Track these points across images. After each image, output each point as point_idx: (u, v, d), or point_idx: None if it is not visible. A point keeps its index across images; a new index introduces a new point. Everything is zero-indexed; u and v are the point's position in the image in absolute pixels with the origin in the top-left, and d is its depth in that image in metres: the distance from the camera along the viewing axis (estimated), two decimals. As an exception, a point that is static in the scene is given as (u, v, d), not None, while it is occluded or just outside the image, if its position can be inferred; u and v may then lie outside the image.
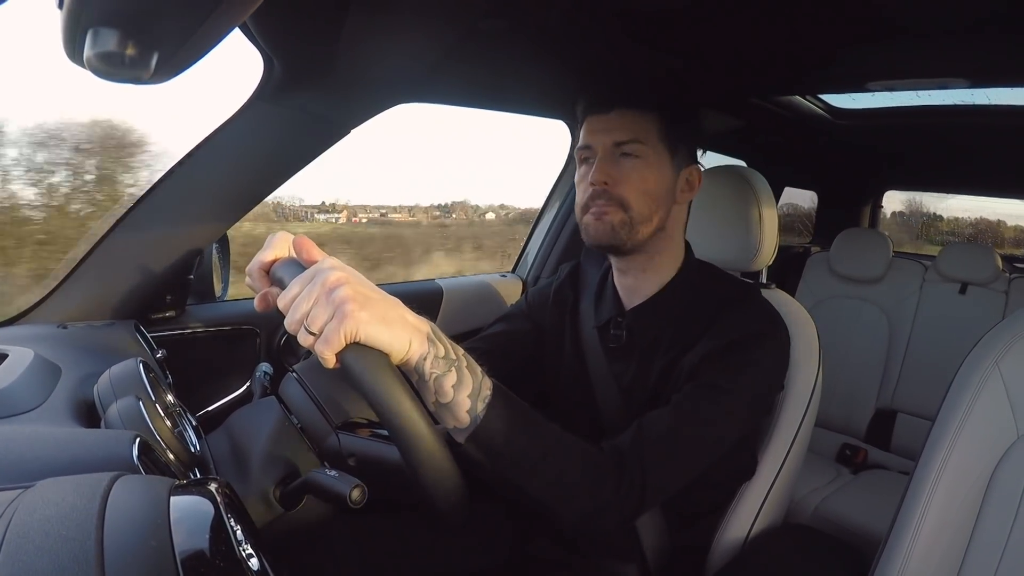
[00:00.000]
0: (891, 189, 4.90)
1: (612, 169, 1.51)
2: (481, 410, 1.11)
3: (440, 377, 1.05)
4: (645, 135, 1.51)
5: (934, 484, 1.31)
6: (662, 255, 1.60)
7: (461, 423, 1.11)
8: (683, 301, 1.60)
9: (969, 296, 3.64)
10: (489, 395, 1.13)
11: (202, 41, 0.76)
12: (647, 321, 1.61)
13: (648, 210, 1.51)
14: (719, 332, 1.46)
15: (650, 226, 1.53)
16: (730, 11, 1.77)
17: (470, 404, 1.10)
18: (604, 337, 1.67)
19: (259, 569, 0.75)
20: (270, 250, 1.06)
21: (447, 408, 1.09)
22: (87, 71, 0.75)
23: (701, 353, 1.45)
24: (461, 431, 1.12)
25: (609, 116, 1.53)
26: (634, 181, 1.50)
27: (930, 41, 1.97)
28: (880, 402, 3.70)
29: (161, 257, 1.82)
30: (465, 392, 1.09)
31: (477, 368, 1.12)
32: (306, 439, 1.32)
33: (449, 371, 1.06)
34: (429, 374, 1.04)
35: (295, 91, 1.76)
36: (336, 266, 0.97)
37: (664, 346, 1.56)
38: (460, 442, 1.13)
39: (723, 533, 1.65)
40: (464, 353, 1.11)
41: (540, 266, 3.14)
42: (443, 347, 1.06)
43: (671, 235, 1.60)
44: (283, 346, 2.22)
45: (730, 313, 1.51)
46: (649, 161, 1.51)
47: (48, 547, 0.63)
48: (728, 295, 1.58)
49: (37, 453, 0.95)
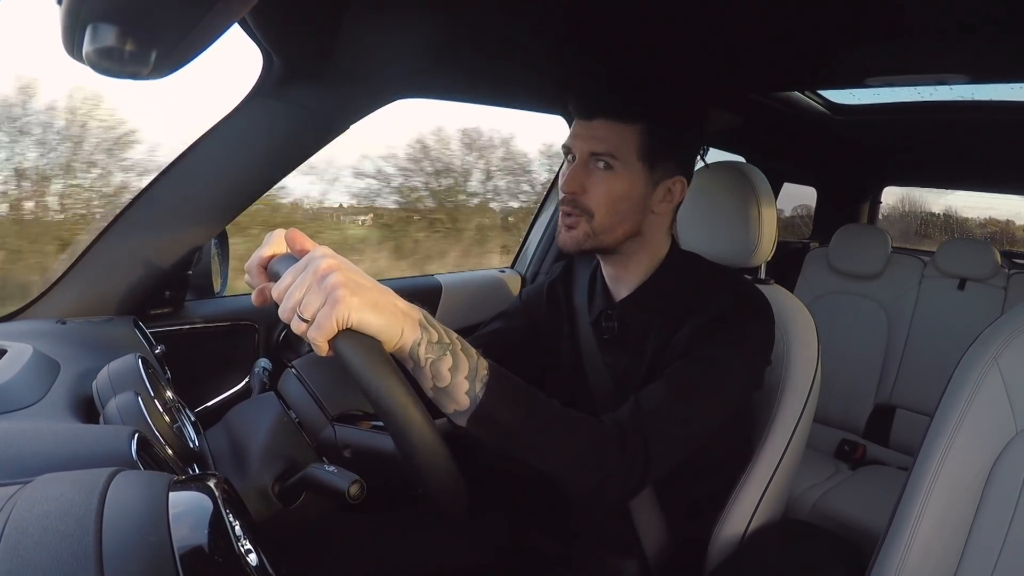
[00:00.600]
0: (890, 185, 4.89)
1: (584, 178, 1.51)
2: (479, 390, 1.12)
3: (435, 361, 1.06)
4: (622, 149, 1.50)
5: (933, 480, 1.31)
6: (639, 255, 1.61)
7: (461, 405, 1.11)
8: (668, 287, 1.61)
9: (968, 292, 3.63)
10: (486, 375, 1.13)
11: (201, 37, 0.76)
12: (635, 310, 1.62)
13: (611, 221, 1.52)
14: (704, 310, 1.48)
15: (614, 235, 1.54)
16: (729, 7, 1.77)
17: (468, 385, 1.10)
18: (597, 329, 1.68)
19: (258, 564, 0.75)
20: (268, 247, 1.07)
21: (445, 392, 1.10)
22: (86, 67, 0.75)
23: (688, 331, 1.46)
24: (462, 413, 1.12)
25: (591, 123, 1.52)
26: (601, 194, 1.50)
27: (929, 37, 1.97)
28: (879, 398, 3.70)
29: (160, 253, 1.82)
30: (462, 374, 1.10)
31: (472, 350, 1.13)
32: (304, 434, 1.32)
33: (444, 355, 1.07)
34: (424, 359, 1.05)
35: (294, 87, 1.76)
36: (328, 254, 0.98)
37: (654, 332, 1.57)
38: (462, 424, 1.14)
39: (721, 528, 1.65)
40: (458, 337, 1.12)
41: (539, 261, 3.14)
42: (436, 332, 1.07)
43: (648, 239, 1.60)
44: (282, 342, 2.22)
45: (714, 292, 1.52)
46: (620, 175, 1.50)
47: (47, 543, 0.63)
48: (711, 278, 1.60)
49: (36, 449, 0.96)
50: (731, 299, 1.50)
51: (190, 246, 1.87)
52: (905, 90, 2.82)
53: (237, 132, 1.80)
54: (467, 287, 2.83)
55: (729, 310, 1.47)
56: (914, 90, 2.80)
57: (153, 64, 0.75)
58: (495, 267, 3.20)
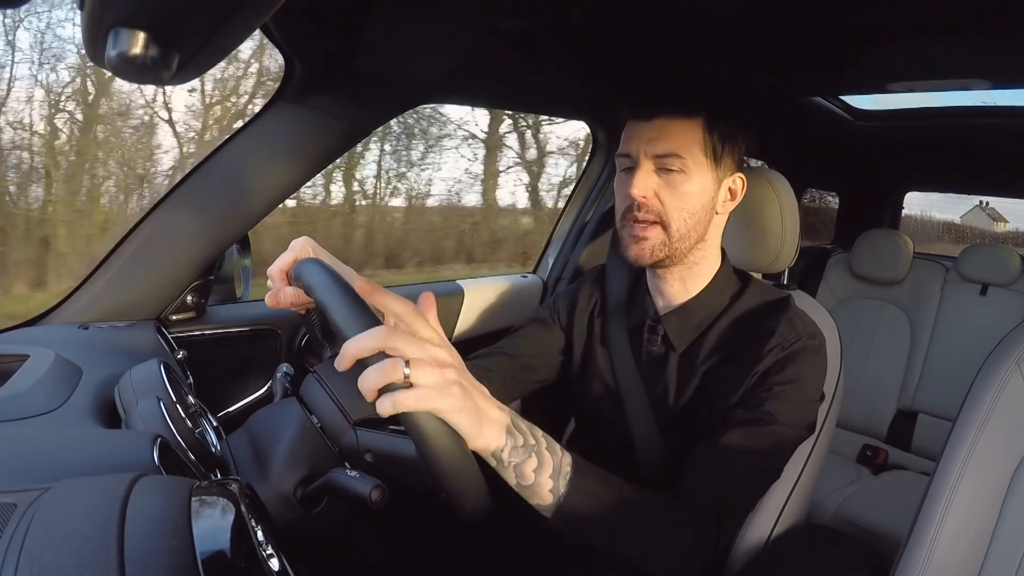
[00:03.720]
0: (912, 190, 4.87)
1: (652, 183, 1.47)
2: (563, 487, 1.11)
3: (520, 464, 1.06)
4: (687, 148, 1.45)
5: (955, 485, 1.31)
6: (700, 265, 1.57)
7: (544, 501, 1.10)
8: (718, 308, 1.58)
9: (990, 297, 3.63)
10: (570, 472, 1.12)
11: (224, 41, 0.76)
12: (681, 327, 1.58)
13: (687, 227, 1.48)
14: (763, 350, 1.44)
15: (689, 241, 1.50)
16: (751, 14, 1.76)
17: (552, 484, 1.09)
18: (635, 342, 1.65)
19: (280, 569, 0.75)
20: (291, 253, 1.07)
21: (529, 489, 1.09)
22: (109, 71, 0.75)
23: (747, 374, 1.43)
24: (545, 508, 1.12)
25: (651, 123, 1.47)
26: (674, 197, 1.46)
27: (950, 42, 1.96)
28: (901, 403, 3.69)
29: (182, 258, 1.82)
30: (546, 474, 1.09)
31: (556, 447, 1.12)
32: (326, 439, 1.32)
33: (529, 457, 1.06)
34: (508, 463, 1.05)
35: (317, 92, 1.76)
36: (444, 345, 0.98)
37: (698, 354, 1.54)
38: (547, 517, 1.13)
39: (745, 534, 1.64)
40: (543, 435, 1.11)
41: (561, 267, 3.12)
42: (522, 436, 1.06)
43: (710, 244, 1.58)
44: (304, 347, 2.21)
45: (771, 328, 1.47)
46: (690, 175, 1.46)
47: (69, 548, 0.63)
48: (766, 306, 1.56)
49: (58, 454, 0.96)
50: (788, 337, 1.45)
51: (212, 251, 1.87)
52: (927, 95, 2.81)
53: (259, 138, 1.80)
54: (489, 292, 2.82)
55: (787, 352, 1.43)
56: (936, 95, 2.79)
57: (176, 69, 0.75)
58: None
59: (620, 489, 1.20)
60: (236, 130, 1.79)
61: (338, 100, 1.82)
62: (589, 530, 1.16)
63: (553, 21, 1.76)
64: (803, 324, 1.49)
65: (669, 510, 1.27)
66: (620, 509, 1.18)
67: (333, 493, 1.21)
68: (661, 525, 1.24)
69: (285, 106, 1.77)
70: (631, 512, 1.20)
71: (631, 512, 1.20)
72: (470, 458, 0.98)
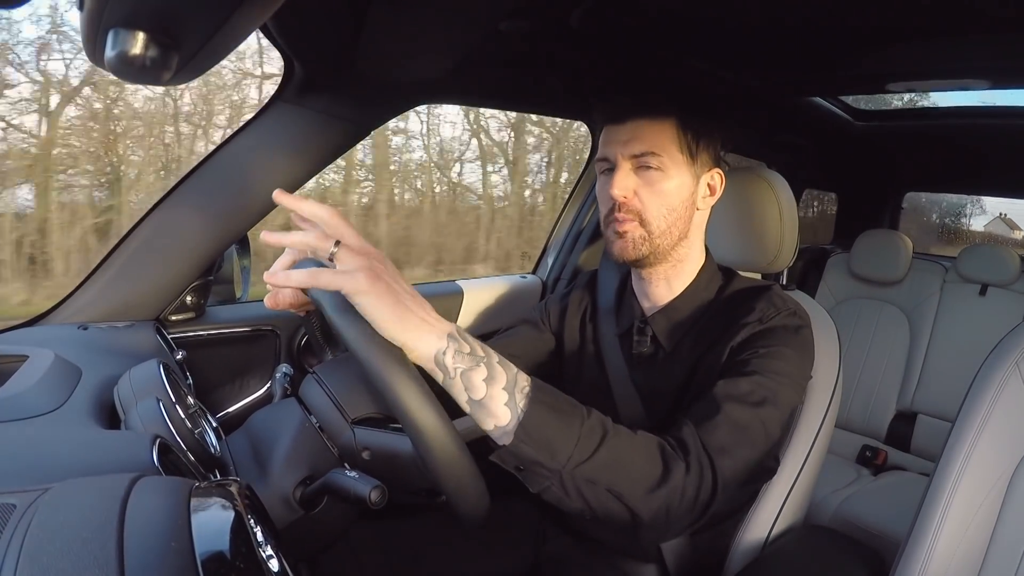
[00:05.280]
0: (911, 190, 4.87)
1: (630, 182, 1.49)
2: (521, 402, 1.07)
3: (467, 372, 1.03)
4: (662, 146, 1.47)
5: (954, 486, 1.31)
6: (684, 262, 1.58)
7: (500, 420, 1.06)
8: (703, 303, 1.58)
9: (989, 297, 3.63)
10: (528, 386, 1.09)
11: (223, 42, 0.76)
12: (669, 326, 1.59)
13: (667, 223, 1.49)
14: (742, 326, 1.44)
15: (670, 238, 1.51)
16: (750, 13, 1.76)
17: (507, 397, 1.06)
18: (625, 344, 1.66)
19: (279, 570, 0.75)
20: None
21: (481, 406, 1.05)
22: (108, 72, 0.75)
23: (727, 348, 1.43)
24: (504, 430, 1.07)
25: (624, 126, 1.50)
26: (653, 195, 1.48)
27: (950, 42, 1.96)
28: (900, 404, 3.69)
29: (182, 258, 1.82)
30: (499, 385, 1.06)
31: (510, 364, 1.10)
32: (325, 439, 1.32)
33: (477, 366, 1.05)
34: (453, 369, 1.03)
35: (316, 92, 1.77)
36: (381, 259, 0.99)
37: (686, 350, 1.55)
38: (507, 444, 1.07)
39: (743, 535, 1.65)
40: (496, 353, 1.09)
41: (560, 268, 3.13)
42: (467, 344, 1.05)
43: (692, 242, 1.58)
44: (303, 347, 2.22)
45: (750, 307, 1.48)
46: (668, 173, 1.48)
47: (68, 549, 0.63)
48: (747, 293, 1.56)
49: (57, 454, 0.96)
50: (768, 314, 1.46)
51: (212, 252, 1.87)
52: (926, 95, 2.81)
53: (259, 138, 1.80)
54: (488, 293, 2.82)
55: (767, 326, 1.44)
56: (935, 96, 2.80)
57: (175, 69, 0.75)
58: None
59: (592, 413, 1.17)
60: (236, 131, 1.79)
61: (338, 100, 1.82)
62: (557, 455, 1.09)
63: (553, 21, 1.76)
64: (783, 302, 1.50)
65: (652, 441, 1.21)
66: (593, 433, 1.14)
67: (333, 494, 1.21)
68: (643, 454, 1.18)
69: (285, 106, 1.77)
70: (606, 437, 1.14)
71: (606, 437, 1.14)
72: (469, 458, 0.98)
